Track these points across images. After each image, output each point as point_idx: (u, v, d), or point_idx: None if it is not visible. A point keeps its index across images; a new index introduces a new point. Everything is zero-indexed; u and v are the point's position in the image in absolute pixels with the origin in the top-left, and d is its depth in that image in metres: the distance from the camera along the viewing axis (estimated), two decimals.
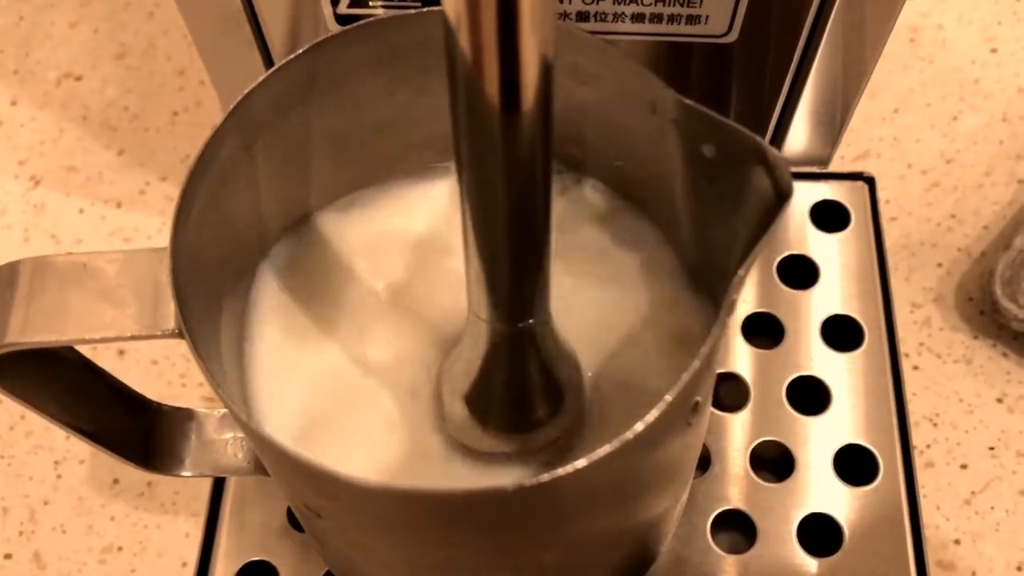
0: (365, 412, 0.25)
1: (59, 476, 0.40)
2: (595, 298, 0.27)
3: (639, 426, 0.19)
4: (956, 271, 0.44)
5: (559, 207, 0.26)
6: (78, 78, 0.49)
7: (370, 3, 0.31)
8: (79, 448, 0.40)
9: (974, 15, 0.51)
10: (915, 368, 0.41)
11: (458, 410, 0.24)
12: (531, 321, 0.22)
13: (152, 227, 0.45)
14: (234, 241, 0.24)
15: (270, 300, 0.25)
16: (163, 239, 0.45)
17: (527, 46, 0.17)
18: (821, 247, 0.36)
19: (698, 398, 0.21)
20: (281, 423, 0.24)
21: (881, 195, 0.44)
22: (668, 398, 0.19)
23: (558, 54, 0.17)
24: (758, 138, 0.20)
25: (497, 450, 0.25)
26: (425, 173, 0.27)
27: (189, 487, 0.39)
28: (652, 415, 0.18)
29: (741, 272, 0.19)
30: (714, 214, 0.23)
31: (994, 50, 0.50)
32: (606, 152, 0.25)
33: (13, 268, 0.22)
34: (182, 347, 0.36)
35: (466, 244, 0.21)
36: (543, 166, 0.19)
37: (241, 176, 0.22)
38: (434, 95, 0.25)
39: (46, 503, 0.39)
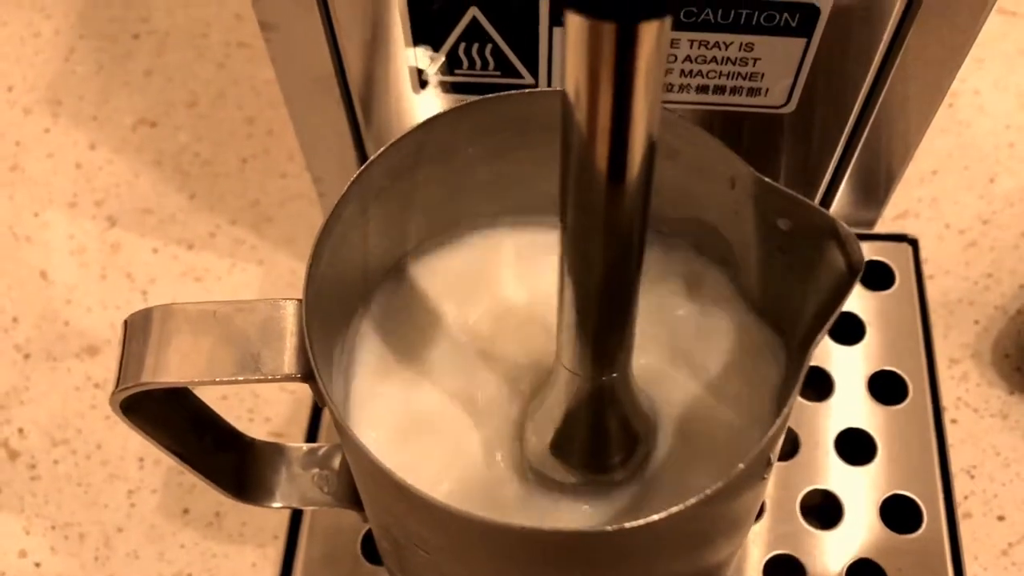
0: (452, 447, 0.27)
1: (132, 504, 0.42)
2: (668, 343, 0.29)
3: (719, 483, 0.20)
4: (993, 328, 0.45)
5: None
6: (153, 124, 0.52)
7: (455, 71, 0.34)
8: (152, 478, 0.42)
9: (1009, 81, 0.53)
10: (953, 421, 0.43)
11: (541, 449, 0.26)
12: (614, 375, 0.24)
13: (222, 268, 0.48)
14: (344, 291, 0.26)
15: (369, 342, 0.27)
16: (233, 280, 0.47)
17: (637, 126, 0.19)
18: (867, 305, 0.38)
19: (772, 454, 0.23)
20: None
21: (921, 254, 0.46)
22: (745, 463, 0.21)
23: None
24: (831, 215, 0.22)
25: (576, 482, 0.26)
26: (515, 225, 0.30)
27: (256, 519, 0.41)
28: (732, 474, 0.20)
29: (816, 341, 0.21)
30: (787, 278, 0.25)
31: None
32: (685, 214, 0.27)
33: (147, 314, 0.24)
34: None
35: (560, 299, 0.23)
36: (639, 231, 0.21)
37: (355, 234, 0.25)
38: (526, 163, 0.27)
39: (120, 530, 0.41)
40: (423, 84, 0.34)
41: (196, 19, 0.55)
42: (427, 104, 0.35)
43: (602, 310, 0.23)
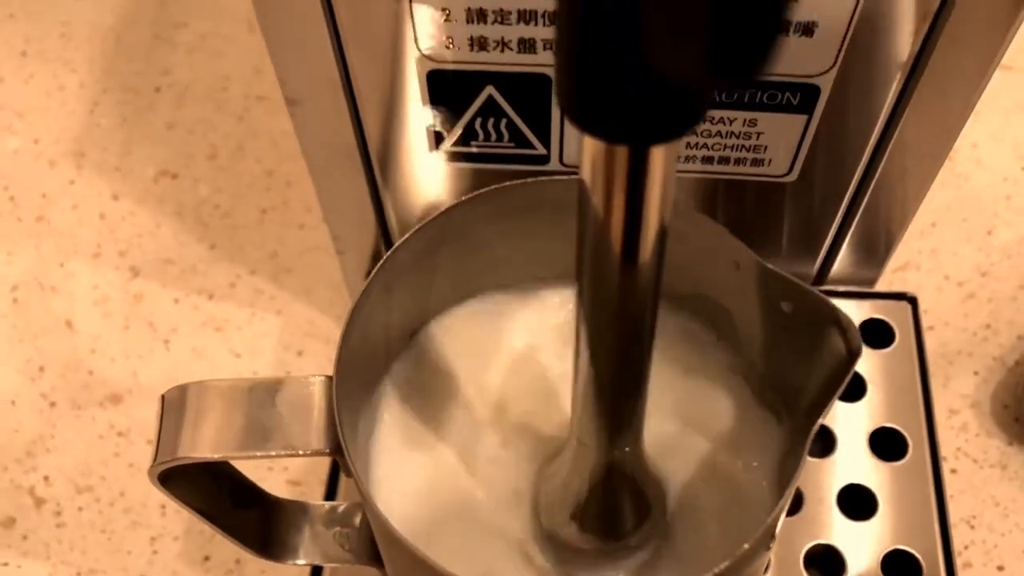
0: (468, 512, 0.28)
1: (155, 551, 0.43)
2: (674, 412, 0.30)
3: (726, 562, 0.22)
4: (992, 379, 0.47)
5: None
6: (174, 176, 0.54)
7: (471, 142, 0.35)
8: (173, 525, 0.44)
9: (1006, 134, 0.54)
10: (953, 471, 0.44)
11: (556, 516, 0.27)
12: (627, 449, 0.26)
13: (242, 318, 0.49)
14: (367, 363, 0.27)
15: (390, 411, 0.29)
16: (252, 330, 0.48)
17: (649, 220, 0.20)
18: (869, 363, 0.39)
19: (776, 527, 0.25)
20: (396, 522, 0.28)
21: (920, 305, 0.47)
22: (751, 543, 0.22)
23: None
24: (832, 302, 0.23)
25: (590, 547, 0.28)
26: (530, 292, 0.31)
27: (276, 567, 0.42)
28: (738, 553, 0.22)
29: (817, 423, 0.22)
30: (789, 355, 0.26)
31: None
32: (692, 291, 0.29)
33: (183, 390, 0.25)
34: None
35: (575, 374, 0.24)
36: (651, 309, 0.23)
37: (380, 311, 0.26)
38: (541, 238, 0.29)
39: None
40: (440, 153, 0.36)
41: (216, 73, 0.57)
42: (443, 171, 0.37)
43: (615, 386, 0.24)
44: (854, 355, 0.23)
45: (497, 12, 0.30)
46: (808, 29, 0.30)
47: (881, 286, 0.45)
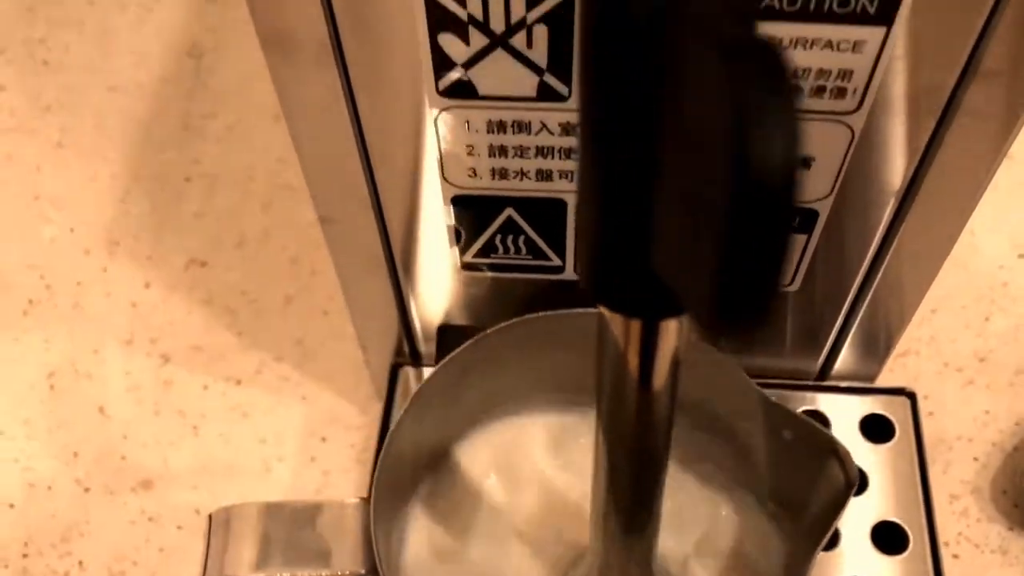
0: None
1: None
2: (680, 523, 0.32)
3: None
4: (991, 465, 0.48)
5: None
6: (203, 264, 0.56)
7: (491, 255, 0.37)
8: None
9: (1002, 221, 0.56)
10: (955, 556, 0.46)
11: None
12: (642, 560, 0.27)
13: (267, 404, 0.51)
14: (398, 484, 0.29)
15: (418, 528, 0.31)
16: (278, 416, 0.50)
17: (663, 357, 0.22)
18: (870, 458, 0.41)
19: None
20: None
21: (920, 391, 0.49)
22: None
23: None
24: (830, 434, 0.25)
25: None
26: (551, 410, 0.33)
27: None
28: None
29: (819, 548, 0.24)
30: (790, 475, 0.28)
31: (1021, 255, 0.55)
32: (701, 412, 0.31)
33: (229, 511, 0.27)
34: None
35: (594, 493, 0.26)
36: (665, 432, 0.25)
37: (411, 434, 0.28)
38: (561, 365, 0.31)
39: None
40: (461, 264, 0.38)
41: (243, 163, 0.60)
42: (464, 279, 0.39)
43: (632, 501, 0.26)
44: (851, 484, 0.25)
45: (517, 148, 0.32)
46: (805, 162, 0.32)
47: (882, 372, 0.47)
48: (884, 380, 0.46)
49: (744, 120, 0.11)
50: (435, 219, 0.36)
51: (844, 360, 0.42)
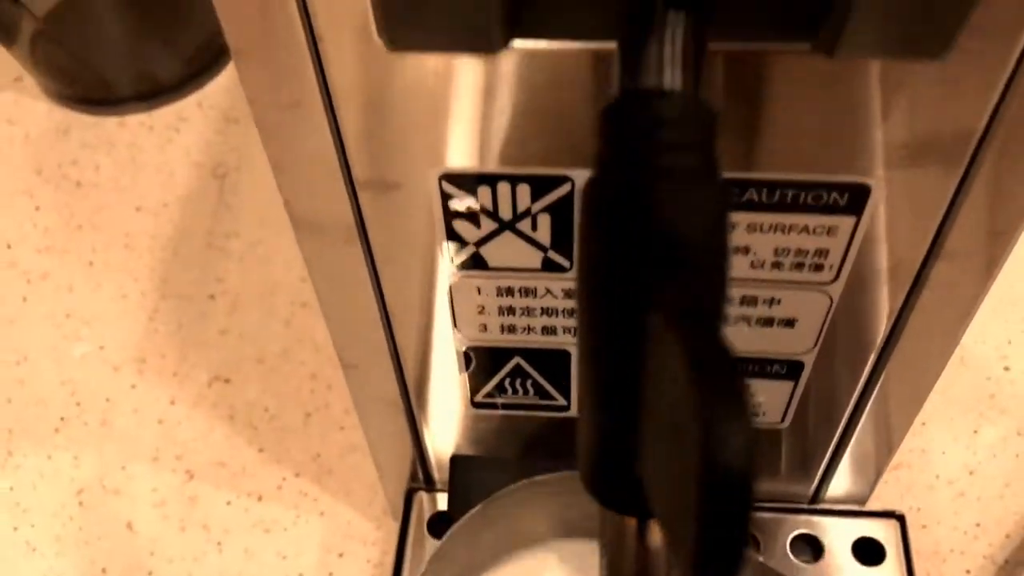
0: None
1: None
2: None
3: None
4: None
5: None
6: (226, 380, 0.59)
7: (500, 395, 0.40)
8: None
9: (988, 335, 0.59)
10: None
11: None
12: None
13: (288, 520, 0.53)
14: None
15: None
16: (297, 531, 0.53)
17: (656, 544, 0.25)
18: None
19: None
20: None
21: (913, 503, 0.51)
22: None
23: None
24: None
25: None
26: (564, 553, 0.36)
27: None
28: None
29: None
30: None
31: (1007, 368, 0.58)
32: None
33: None
34: None
35: None
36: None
37: None
38: (572, 515, 0.33)
39: None
40: (475, 405, 0.41)
41: (265, 281, 0.63)
42: (475, 416, 0.41)
43: None
44: None
45: (524, 308, 0.35)
46: (790, 322, 0.35)
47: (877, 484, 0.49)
48: (878, 491, 0.49)
49: (707, 430, 0.14)
50: (448, 366, 0.39)
51: (836, 484, 0.45)
